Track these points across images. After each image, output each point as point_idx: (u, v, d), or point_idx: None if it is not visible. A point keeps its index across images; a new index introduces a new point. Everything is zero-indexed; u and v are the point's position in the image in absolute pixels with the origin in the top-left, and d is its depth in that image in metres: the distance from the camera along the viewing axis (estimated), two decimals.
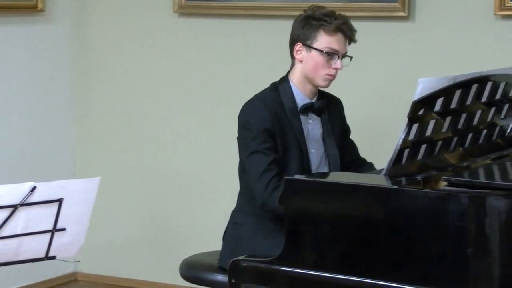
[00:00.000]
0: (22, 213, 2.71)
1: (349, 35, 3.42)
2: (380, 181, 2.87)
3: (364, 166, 3.64)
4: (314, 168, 3.45)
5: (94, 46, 5.20)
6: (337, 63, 3.39)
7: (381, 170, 3.10)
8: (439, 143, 3.04)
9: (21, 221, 2.72)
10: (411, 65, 4.44)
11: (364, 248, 2.81)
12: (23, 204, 2.69)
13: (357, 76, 4.39)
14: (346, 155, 3.58)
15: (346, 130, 3.64)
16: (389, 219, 2.76)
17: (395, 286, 2.75)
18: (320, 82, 3.43)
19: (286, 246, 2.92)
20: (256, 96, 3.49)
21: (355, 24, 3.50)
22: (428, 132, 2.95)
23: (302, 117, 3.45)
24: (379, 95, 4.55)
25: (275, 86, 3.50)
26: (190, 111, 4.99)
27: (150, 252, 5.12)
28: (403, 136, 2.83)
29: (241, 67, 4.85)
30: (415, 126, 2.86)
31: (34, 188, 2.70)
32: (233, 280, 3.04)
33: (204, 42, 4.92)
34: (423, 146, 2.97)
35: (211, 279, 3.44)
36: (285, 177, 2.97)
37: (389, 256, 2.76)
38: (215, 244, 3.78)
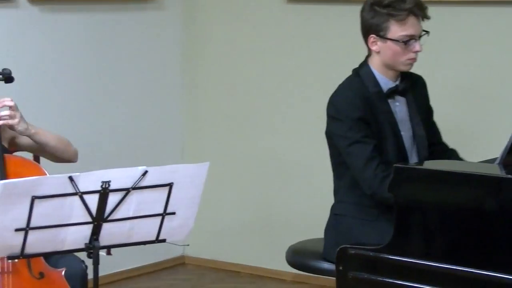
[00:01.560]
0: (134, 196, 2.75)
1: (422, 15, 3.33)
2: (494, 170, 2.82)
3: (447, 152, 3.55)
4: (409, 151, 3.40)
5: (204, 33, 5.25)
6: (415, 46, 3.33)
7: (492, 160, 3.03)
8: None
9: (133, 205, 2.76)
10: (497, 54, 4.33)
11: (475, 238, 2.76)
12: (135, 188, 2.74)
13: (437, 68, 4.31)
14: (429, 136, 3.50)
15: (429, 110, 3.57)
16: (503, 209, 2.70)
17: (507, 278, 2.69)
18: (402, 67, 3.38)
19: (395, 235, 2.89)
20: (341, 85, 3.45)
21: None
22: None
23: (389, 100, 3.40)
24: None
25: (356, 72, 3.45)
26: (299, 99, 4.99)
27: (257, 237, 5.15)
28: None
29: (351, 54, 4.80)
30: None
31: (146, 172, 2.74)
32: (341, 268, 3.04)
33: (314, 29, 4.90)
34: None
35: (318, 266, 3.43)
36: (394, 165, 2.94)
37: (502, 247, 2.70)
38: (322, 231, 3.77)
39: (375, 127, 3.33)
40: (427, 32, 3.35)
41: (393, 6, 3.29)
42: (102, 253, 2.83)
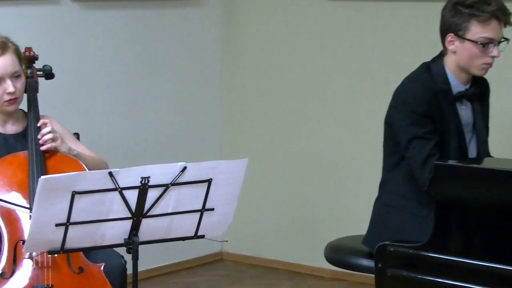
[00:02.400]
0: (173, 192, 2.76)
1: (505, 20, 3.27)
2: None
3: None
4: (470, 154, 3.37)
5: (243, 31, 5.26)
6: (493, 51, 3.26)
7: None
8: None
9: (172, 200, 2.77)
10: None
11: None
12: (174, 184, 2.75)
13: None
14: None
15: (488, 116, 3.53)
16: None
17: None
18: (476, 71, 3.33)
19: (435, 232, 2.87)
20: (411, 77, 3.40)
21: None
22: None
23: (456, 103, 3.37)
24: None
25: (427, 67, 3.40)
26: (338, 96, 4.97)
27: (295, 234, 5.15)
28: None
29: (390, 51, 4.79)
30: None
31: (185, 168, 2.74)
32: (380, 265, 3.03)
33: (354, 26, 4.88)
34: None
35: (357, 263, 3.42)
36: (434, 162, 2.92)
37: None
38: (360, 228, 3.76)
39: (439, 124, 3.30)
40: (507, 39, 3.30)
41: (476, 7, 3.24)
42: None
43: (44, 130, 3.19)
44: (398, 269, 3.00)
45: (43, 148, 3.18)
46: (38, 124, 3.21)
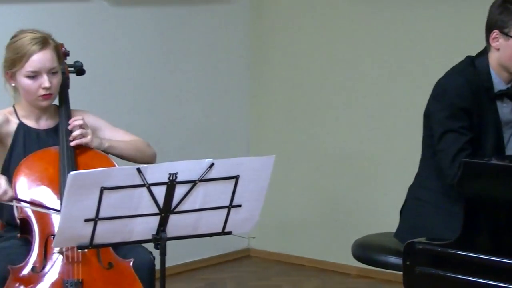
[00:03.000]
0: (200, 188, 2.76)
1: None
2: None
3: None
4: (508, 152, 3.34)
5: (271, 28, 5.26)
6: None
7: None
8: None
9: (199, 197, 2.78)
10: None
11: None
12: (201, 180, 2.75)
13: None
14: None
15: None
16: None
17: None
18: None
19: (464, 230, 2.86)
20: (454, 70, 3.38)
21: None
22: None
23: (496, 101, 3.34)
24: None
25: (472, 61, 3.38)
26: (365, 92, 4.96)
27: (322, 231, 5.14)
28: None
29: (417, 46, 4.77)
30: None
31: (212, 164, 2.75)
32: (408, 262, 3.01)
33: (381, 21, 4.86)
34: None
35: (384, 260, 3.41)
36: (462, 159, 2.90)
37: None
38: (388, 225, 3.75)
39: (477, 120, 3.28)
40: None
41: None
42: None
43: (75, 123, 3.21)
44: (427, 267, 2.98)
45: (72, 143, 3.21)
46: (70, 122, 3.23)
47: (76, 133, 3.20)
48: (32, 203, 3.05)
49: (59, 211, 2.98)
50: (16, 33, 3.23)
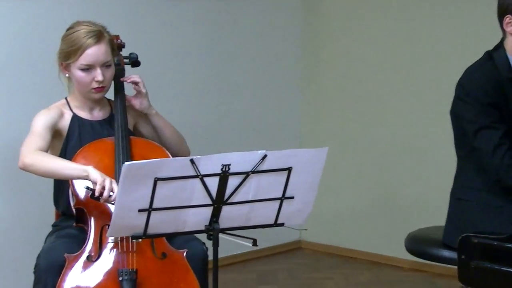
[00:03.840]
0: (253, 180, 2.77)
1: None
2: None
3: None
4: None
5: (323, 19, 5.24)
6: None
7: None
8: None
9: (252, 188, 2.78)
10: None
11: None
12: (254, 172, 2.75)
13: None
14: None
15: None
16: None
17: None
18: None
19: None
20: (472, 68, 3.36)
21: None
22: None
23: None
24: None
25: (489, 55, 3.35)
26: (418, 83, 4.92)
27: (375, 224, 5.12)
28: None
29: (466, 37, 4.72)
30: None
31: (265, 156, 2.75)
32: (463, 257, 2.98)
33: (434, 13, 4.82)
34: None
35: (438, 254, 3.38)
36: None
37: None
38: (442, 218, 3.72)
39: (506, 112, 3.24)
40: None
41: None
42: (248, 243, 2.85)
43: (132, 79, 3.31)
44: (482, 261, 2.95)
45: (127, 80, 3.30)
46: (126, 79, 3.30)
47: (134, 78, 3.28)
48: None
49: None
50: (72, 25, 3.25)
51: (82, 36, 3.18)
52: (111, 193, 2.94)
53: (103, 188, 2.93)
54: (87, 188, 2.97)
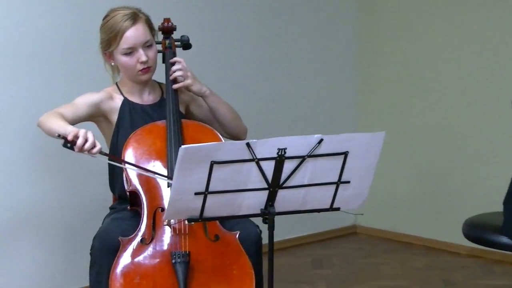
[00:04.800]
0: (309, 164, 2.75)
1: None
2: None
3: None
4: None
5: (380, 6, 5.20)
6: None
7: None
8: None
9: (308, 172, 2.76)
10: None
11: None
12: (310, 156, 2.74)
13: None
14: None
15: None
16: None
17: None
18: None
19: None
20: None
21: None
22: None
23: None
24: None
25: None
26: (476, 69, 4.85)
27: (431, 209, 5.07)
28: None
29: None
30: None
31: (322, 140, 2.73)
32: None
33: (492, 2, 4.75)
34: None
35: (497, 240, 3.33)
36: None
37: None
38: (499, 204, 3.66)
39: None
40: None
41: None
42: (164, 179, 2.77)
43: (174, 67, 3.26)
44: None
45: (174, 86, 3.26)
46: (171, 61, 3.27)
47: (177, 73, 3.25)
48: (138, 166, 3.09)
49: (166, 176, 3.02)
50: (107, 13, 3.27)
51: (118, 21, 3.19)
52: (86, 143, 2.92)
53: (76, 136, 2.92)
54: (58, 136, 2.94)
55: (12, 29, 3.98)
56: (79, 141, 2.92)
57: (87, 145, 2.93)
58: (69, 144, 2.92)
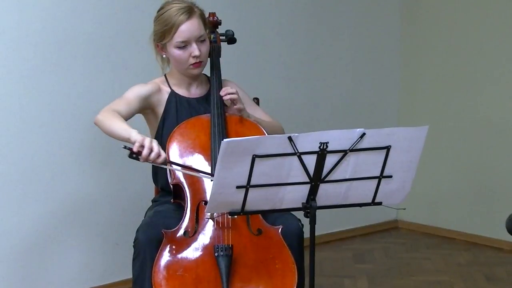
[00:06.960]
0: (351, 158, 2.75)
1: None
2: None
3: None
4: None
5: None
6: None
7: None
8: None
9: (350, 166, 2.76)
10: None
11: None
12: (352, 150, 2.73)
13: None
14: None
15: None
16: None
17: None
18: None
19: None
20: None
21: None
22: None
23: None
24: None
25: None
26: None
27: (474, 204, 5.03)
28: None
29: None
30: None
31: (364, 134, 2.72)
32: None
33: None
34: None
35: None
36: None
37: None
38: None
39: None
40: None
41: None
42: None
43: (228, 91, 3.25)
44: None
45: (229, 112, 3.25)
46: (222, 91, 3.27)
47: (230, 96, 3.23)
48: (184, 166, 3.11)
49: (210, 174, 3.03)
50: (162, 5, 3.28)
51: (173, 14, 3.20)
52: (152, 154, 2.93)
53: (142, 146, 2.94)
54: (125, 147, 2.96)
55: (57, 25, 4.01)
56: (145, 152, 2.94)
57: (152, 156, 2.95)
58: (135, 155, 2.95)
